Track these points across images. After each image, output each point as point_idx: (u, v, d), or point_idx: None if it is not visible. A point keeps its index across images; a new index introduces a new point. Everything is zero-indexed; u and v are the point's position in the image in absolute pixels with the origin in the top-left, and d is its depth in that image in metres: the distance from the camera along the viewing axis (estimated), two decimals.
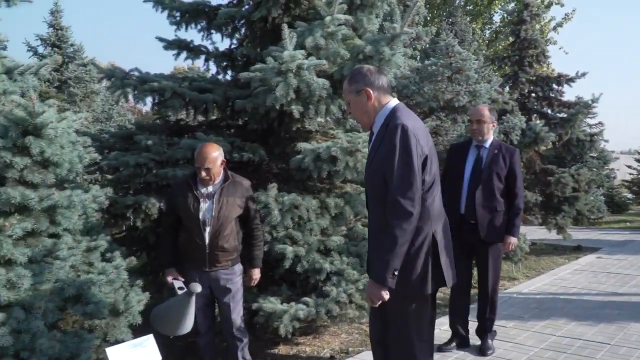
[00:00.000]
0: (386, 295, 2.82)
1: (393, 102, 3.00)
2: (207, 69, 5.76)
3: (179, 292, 3.67)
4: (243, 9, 5.49)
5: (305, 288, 4.71)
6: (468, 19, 24.71)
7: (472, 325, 5.05)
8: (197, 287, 3.59)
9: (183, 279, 3.90)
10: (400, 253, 2.75)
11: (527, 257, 8.80)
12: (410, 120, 2.89)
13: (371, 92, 2.94)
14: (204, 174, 3.83)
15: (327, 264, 4.59)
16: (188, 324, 3.68)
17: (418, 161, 2.78)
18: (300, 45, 4.48)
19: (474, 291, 5.02)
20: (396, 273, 2.77)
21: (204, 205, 3.88)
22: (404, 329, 2.97)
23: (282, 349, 5.02)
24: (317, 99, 4.55)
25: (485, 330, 4.90)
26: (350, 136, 4.78)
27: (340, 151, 4.44)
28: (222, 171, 3.94)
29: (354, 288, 4.56)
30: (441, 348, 4.84)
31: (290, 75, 4.25)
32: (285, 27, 4.47)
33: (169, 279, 3.92)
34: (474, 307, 5.05)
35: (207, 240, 3.86)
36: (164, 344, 4.06)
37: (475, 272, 5.11)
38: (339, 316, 4.54)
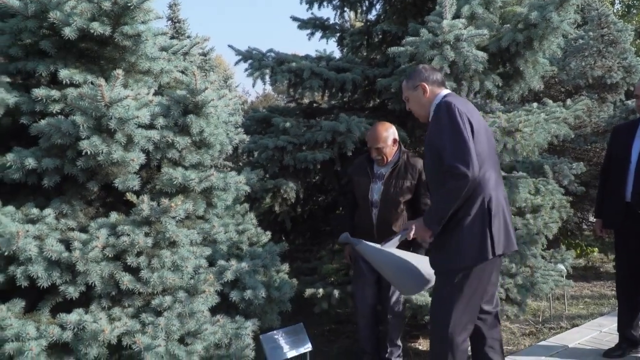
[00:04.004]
0: (428, 237, 3.05)
1: (445, 91, 3.16)
2: (342, 48, 5.54)
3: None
4: None
5: None
6: None
7: None
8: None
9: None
10: (450, 208, 2.87)
11: None
12: (457, 100, 3.04)
13: (426, 86, 3.13)
14: (375, 153, 3.84)
15: None
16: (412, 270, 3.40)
17: (467, 129, 2.87)
18: (454, 15, 4.11)
19: None
20: (443, 222, 2.92)
21: (374, 186, 3.87)
22: (450, 295, 2.98)
23: (422, 343, 4.74)
24: (471, 74, 4.18)
25: None
26: (509, 115, 4.36)
27: (499, 131, 4.05)
28: (395, 151, 3.88)
29: (511, 282, 4.18)
30: (608, 354, 4.29)
31: (446, 48, 3.90)
32: None
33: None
34: None
35: (374, 221, 3.84)
36: (314, 333, 3.95)
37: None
38: None
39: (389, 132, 3.83)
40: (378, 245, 3.37)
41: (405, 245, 3.53)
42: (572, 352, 4.32)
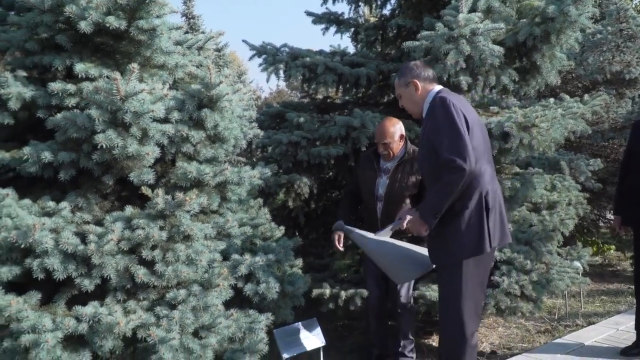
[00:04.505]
0: (424, 231, 3.04)
1: (437, 87, 3.16)
2: (356, 43, 5.51)
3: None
4: None
5: None
6: None
7: None
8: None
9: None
10: (446, 202, 2.90)
11: None
12: (451, 95, 3.05)
13: (418, 83, 3.14)
14: (382, 148, 3.86)
15: (496, 252, 4.19)
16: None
17: (462, 124, 2.88)
18: (470, 9, 4.07)
19: None
20: (439, 216, 2.94)
21: (379, 181, 3.90)
22: (452, 289, 3.02)
23: (435, 339, 4.71)
24: (487, 68, 4.14)
25: None
26: (526, 110, 4.31)
27: (515, 127, 4.01)
28: (402, 146, 3.92)
29: (527, 279, 4.15)
30: (625, 352, 4.23)
31: (462, 42, 3.87)
32: None
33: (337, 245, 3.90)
34: None
35: (379, 215, 3.88)
36: (327, 328, 3.95)
37: None
38: (508, 309, 4.16)
39: (396, 128, 3.86)
40: (372, 235, 3.41)
41: (406, 239, 3.61)
42: (588, 350, 4.28)
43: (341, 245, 3.90)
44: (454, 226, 2.96)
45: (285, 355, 3.47)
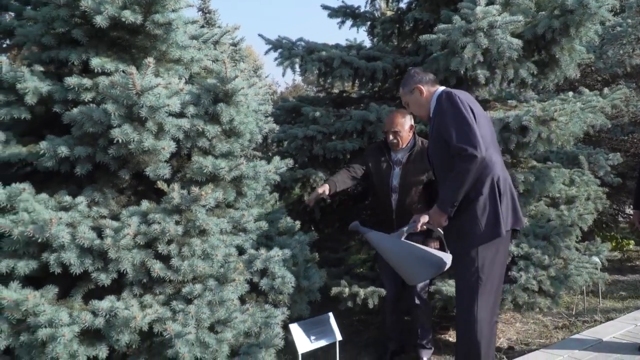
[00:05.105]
0: (444, 222, 3.14)
1: (441, 88, 3.29)
2: (373, 37, 5.47)
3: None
4: None
5: None
6: None
7: None
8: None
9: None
10: (462, 190, 2.99)
11: None
12: (456, 90, 3.16)
13: (422, 87, 3.29)
14: (391, 137, 3.92)
15: (513, 247, 4.16)
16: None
17: (469, 114, 2.99)
18: (488, 2, 4.02)
19: None
20: (456, 205, 3.04)
21: (393, 172, 3.94)
22: (469, 281, 3.08)
23: (452, 335, 4.68)
24: (505, 62, 4.08)
25: None
26: (544, 104, 4.24)
27: (534, 120, 3.95)
28: (411, 137, 3.98)
29: (544, 274, 4.10)
30: None
31: (480, 35, 3.82)
32: None
33: (320, 190, 3.88)
34: None
35: (394, 206, 3.92)
36: (343, 323, 3.93)
37: None
38: (526, 305, 4.12)
39: (406, 118, 3.93)
40: (387, 235, 3.46)
41: (417, 236, 3.63)
42: (606, 346, 4.23)
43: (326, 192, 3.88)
44: (469, 213, 3.06)
45: (301, 350, 3.46)
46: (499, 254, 3.10)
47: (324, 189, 3.87)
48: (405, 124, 3.92)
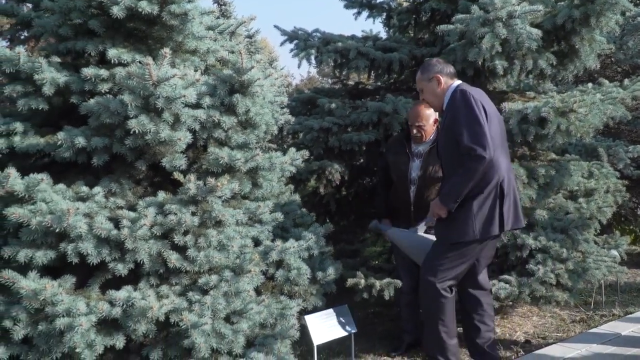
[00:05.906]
0: (444, 214, 3.30)
1: (457, 82, 3.42)
2: (389, 28, 5.42)
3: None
4: None
5: (503, 265, 4.27)
6: None
7: None
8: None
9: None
10: (466, 188, 3.15)
11: None
12: (471, 89, 3.28)
13: (441, 78, 3.41)
14: (415, 131, 3.88)
15: (531, 240, 4.11)
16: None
17: (481, 114, 3.12)
18: None
19: None
20: (459, 201, 3.20)
21: (412, 164, 3.91)
22: (438, 258, 3.36)
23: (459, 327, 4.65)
24: (524, 52, 4.02)
25: None
26: (563, 95, 4.18)
27: (553, 112, 3.89)
28: (434, 130, 3.93)
29: (562, 268, 4.05)
30: None
31: (498, 25, 3.77)
32: None
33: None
34: None
35: (412, 199, 3.91)
36: (358, 315, 3.93)
37: None
38: (543, 298, 4.08)
39: (431, 111, 3.87)
40: (406, 231, 3.56)
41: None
42: (624, 340, 4.17)
43: None
44: (466, 209, 3.22)
45: (316, 342, 3.47)
46: (482, 249, 3.37)
47: (386, 223, 4.05)
48: (430, 117, 3.87)
